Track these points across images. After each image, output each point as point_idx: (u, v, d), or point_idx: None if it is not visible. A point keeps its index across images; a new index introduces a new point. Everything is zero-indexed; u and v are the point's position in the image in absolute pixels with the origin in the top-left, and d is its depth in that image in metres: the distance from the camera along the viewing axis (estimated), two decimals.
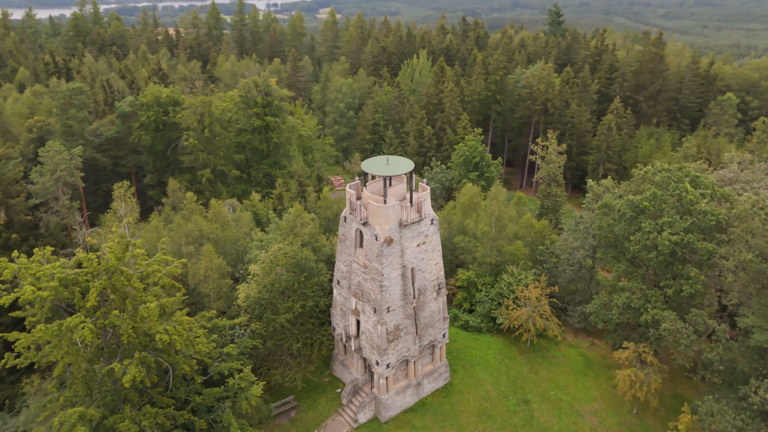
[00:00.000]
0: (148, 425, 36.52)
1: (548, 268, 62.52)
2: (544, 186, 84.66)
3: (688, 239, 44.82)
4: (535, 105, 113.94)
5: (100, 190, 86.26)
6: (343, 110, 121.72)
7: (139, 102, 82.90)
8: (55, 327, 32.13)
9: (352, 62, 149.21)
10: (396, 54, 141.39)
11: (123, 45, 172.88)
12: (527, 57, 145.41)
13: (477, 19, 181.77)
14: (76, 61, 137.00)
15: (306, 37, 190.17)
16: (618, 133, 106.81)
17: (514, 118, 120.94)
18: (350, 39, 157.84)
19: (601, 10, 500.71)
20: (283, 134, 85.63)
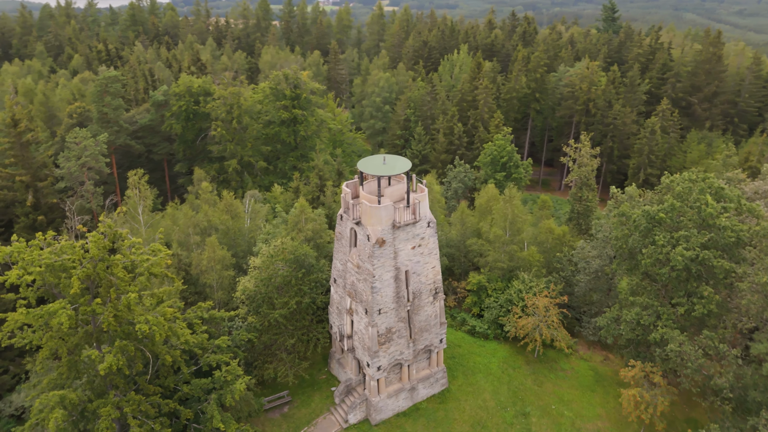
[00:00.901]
0: (130, 411, 37.20)
1: (565, 277, 60.09)
2: (575, 190, 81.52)
3: (703, 256, 41.85)
4: (577, 105, 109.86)
5: None
6: (379, 104, 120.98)
7: (172, 91, 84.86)
8: (38, 311, 33.08)
9: (393, 56, 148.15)
10: (437, 49, 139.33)
11: (175, 35, 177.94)
12: (575, 54, 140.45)
13: (527, 14, 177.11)
14: (128, 50, 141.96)
15: (353, 30, 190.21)
16: (663, 137, 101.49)
17: (555, 117, 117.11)
18: (394, 33, 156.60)
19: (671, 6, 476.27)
20: (310, 127, 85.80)
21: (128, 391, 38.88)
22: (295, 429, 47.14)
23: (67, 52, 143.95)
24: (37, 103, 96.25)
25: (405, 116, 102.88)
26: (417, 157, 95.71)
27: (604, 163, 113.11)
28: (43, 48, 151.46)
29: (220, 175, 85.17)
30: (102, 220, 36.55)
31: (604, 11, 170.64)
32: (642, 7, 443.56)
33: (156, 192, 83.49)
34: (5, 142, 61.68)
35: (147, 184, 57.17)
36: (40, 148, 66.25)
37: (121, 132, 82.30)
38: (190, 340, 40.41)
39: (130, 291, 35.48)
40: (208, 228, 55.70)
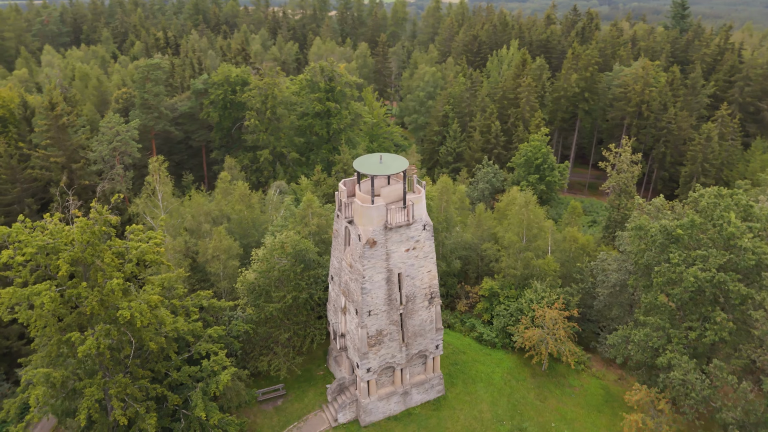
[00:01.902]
0: (115, 393, 38.22)
1: (584, 288, 57.17)
2: (613, 197, 77.57)
3: (719, 278, 38.52)
4: (629, 106, 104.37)
5: (172, 161, 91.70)
6: (422, 99, 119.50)
7: (212, 80, 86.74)
8: (23, 291, 34.41)
9: (444, 50, 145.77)
10: (487, 44, 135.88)
11: (234, 24, 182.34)
12: (636, 53, 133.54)
13: (590, 10, 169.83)
14: (186, 39, 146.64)
15: (408, 22, 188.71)
16: (721, 144, 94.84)
17: (605, 119, 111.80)
18: (446, 26, 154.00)
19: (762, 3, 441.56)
20: (343, 120, 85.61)
21: (117, 373, 39.94)
22: (286, 423, 47.21)
23: (130, 39, 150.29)
24: (91, 87, 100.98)
25: (443, 112, 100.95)
26: (451, 154, 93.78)
27: (655, 170, 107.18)
28: (109, 34, 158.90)
29: (253, 164, 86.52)
30: (93, 206, 37.51)
31: (674, 7, 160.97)
32: (728, 4, 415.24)
33: (192, 178, 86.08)
34: (43, 125, 64.83)
35: (167, 171, 58.47)
36: (79, 132, 69.27)
37: (161, 118, 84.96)
38: (181, 327, 41.11)
39: (115, 277, 36.28)
40: (219, 217, 56.52)
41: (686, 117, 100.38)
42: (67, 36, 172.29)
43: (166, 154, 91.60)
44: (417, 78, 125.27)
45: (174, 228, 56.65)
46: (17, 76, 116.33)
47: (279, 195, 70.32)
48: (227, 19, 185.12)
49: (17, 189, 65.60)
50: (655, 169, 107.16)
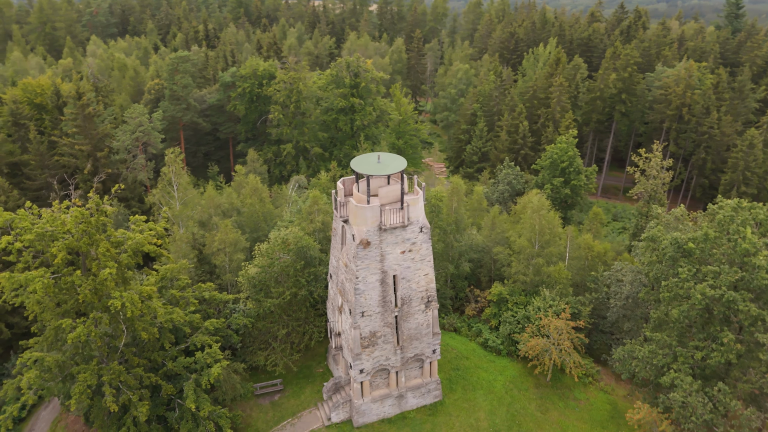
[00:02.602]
0: (108, 380, 39.03)
1: (597, 299, 55.12)
2: (642, 204, 74.62)
3: (728, 297, 36.27)
4: (669, 109, 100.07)
5: (199, 152, 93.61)
6: (454, 96, 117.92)
7: (239, 73, 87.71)
8: (18, 276, 35.44)
9: (480, 47, 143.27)
10: (525, 41, 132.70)
11: (275, 18, 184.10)
12: (683, 53, 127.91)
13: (639, 7, 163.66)
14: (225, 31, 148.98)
15: (448, 18, 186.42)
16: (765, 152, 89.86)
17: (644, 122, 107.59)
18: (484, 22, 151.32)
19: None
20: (366, 116, 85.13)
21: (113, 360, 40.77)
22: (280, 418, 47.35)
23: (172, 31, 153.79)
24: (127, 78, 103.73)
25: (471, 110, 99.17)
26: (476, 153, 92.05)
27: (694, 177, 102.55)
28: (153, 26, 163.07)
29: (276, 158, 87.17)
30: (90, 196, 38.27)
31: (727, 6, 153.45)
32: None
33: (217, 169, 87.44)
34: (70, 113, 66.92)
35: (182, 163, 59.38)
36: (106, 121, 71.22)
37: (189, 110, 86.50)
38: (177, 318, 41.61)
39: (108, 266, 36.93)
40: (230, 210, 57.03)
41: (730, 122, 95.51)
42: (114, 27, 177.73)
43: (194, 145, 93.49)
44: (450, 75, 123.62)
45: (189, 219, 57.57)
46: (62, 65, 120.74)
47: (298, 189, 70.61)
48: (268, 13, 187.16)
49: (45, 175, 68.05)
50: (694, 176, 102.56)
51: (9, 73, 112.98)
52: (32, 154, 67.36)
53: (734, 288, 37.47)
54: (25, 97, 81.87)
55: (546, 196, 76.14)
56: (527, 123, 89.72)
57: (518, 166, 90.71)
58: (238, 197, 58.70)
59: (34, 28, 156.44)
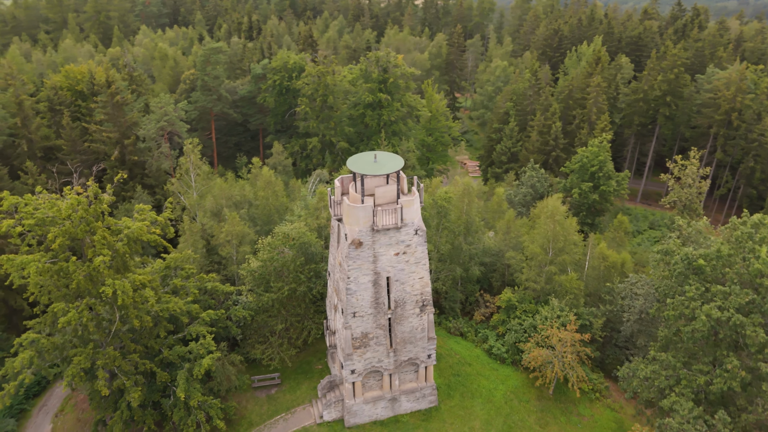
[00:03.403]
0: (102, 364, 40.02)
1: (611, 311, 52.72)
2: (676, 213, 71.14)
3: (735, 320, 33.79)
4: (717, 114, 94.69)
5: (230, 142, 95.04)
6: (490, 94, 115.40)
7: (270, 66, 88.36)
8: (15, 259, 36.64)
9: (523, 44, 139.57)
10: (569, 39, 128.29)
11: (321, 11, 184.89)
12: (740, 55, 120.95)
13: (697, 5, 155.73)
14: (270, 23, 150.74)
15: (495, 13, 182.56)
16: None
17: (690, 126, 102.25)
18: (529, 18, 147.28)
19: None
20: (394, 112, 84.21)
21: (109, 345, 41.76)
22: (274, 412, 47.50)
23: (218, 22, 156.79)
24: (167, 67, 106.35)
25: (504, 109, 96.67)
26: (505, 154, 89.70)
27: (741, 186, 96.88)
28: (202, 17, 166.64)
29: (303, 151, 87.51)
30: (89, 185, 39.13)
31: None
32: None
33: (245, 160, 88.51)
34: (100, 101, 69.01)
35: (200, 153, 60.21)
36: (135, 109, 73.11)
37: (220, 101, 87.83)
38: (173, 307, 42.23)
39: (103, 254, 37.70)
40: (242, 202, 57.47)
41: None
42: (166, 17, 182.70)
43: (225, 136, 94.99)
44: (488, 72, 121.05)
45: (199, 209, 58.43)
46: (110, 53, 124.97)
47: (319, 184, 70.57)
48: (314, 5, 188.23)
49: (76, 160, 70.51)
50: (741, 185, 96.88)
51: (59, 59, 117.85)
52: (65, 140, 69.87)
53: (744, 311, 34.86)
54: (66, 83, 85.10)
55: (572, 201, 73.71)
56: (560, 123, 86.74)
57: (549, 168, 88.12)
58: (251, 189, 59.08)
59: (89, 16, 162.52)
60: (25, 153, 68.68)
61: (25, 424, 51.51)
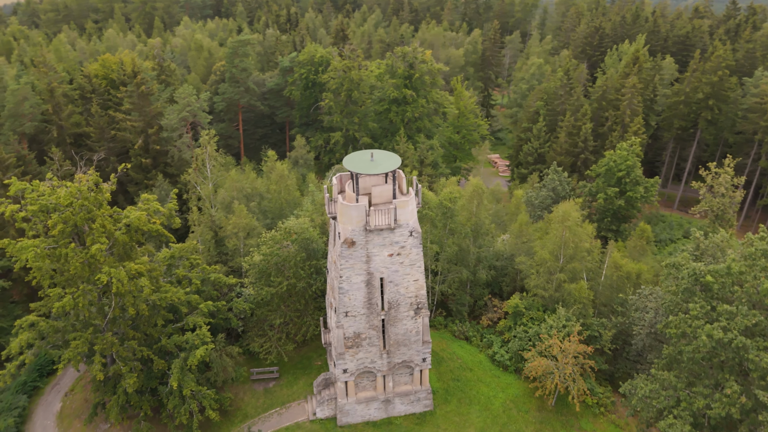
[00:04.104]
0: (99, 349, 40.97)
1: (623, 323, 50.59)
2: (707, 223, 67.73)
3: (738, 342, 31.71)
4: (763, 120, 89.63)
5: (256, 134, 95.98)
6: (524, 92, 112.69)
7: (298, 59, 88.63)
8: (15, 244, 37.77)
9: (563, 41, 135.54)
10: (611, 37, 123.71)
11: (360, 4, 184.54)
12: None
13: (753, 4, 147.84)
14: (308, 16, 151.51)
15: (539, 9, 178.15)
16: None
17: (734, 131, 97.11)
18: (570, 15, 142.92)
19: None
20: (418, 109, 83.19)
21: (108, 331, 42.71)
22: (269, 406, 47.70)
23: (257, 14, 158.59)
24: (202, 58, 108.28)
25: (534, 108, 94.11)
26: (532, 155, 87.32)
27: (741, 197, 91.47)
28: (243, 9, 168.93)
29: (326, 146, 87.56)
30: (89, 173, 39.91)
31: None
32: None
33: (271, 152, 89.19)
34: (125, 91, 70.67)
35: (216, 145, 60.87)
36: (161, 99, 74.63)
37: (247, 92, 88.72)
38: (171, 297, 42.80)
39: (100, 242, 38.45)
40: (253, 195, 57.78)
41: None
42: (210, 9, 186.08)
43: (252, 127, 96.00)
44: (524, 69, 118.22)
45: (209, 200, 59.10)
46: (151, 44, 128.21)
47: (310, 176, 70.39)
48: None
49: (104, 147, 72.56)
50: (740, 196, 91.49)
51: (102, 48, 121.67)
52: (93, 128, 71.94)
53: (750, 333, 32.69)
54: (102, 72, 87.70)
55: (597, 207, 71.20)
56: (591, 125, 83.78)
57: (577, 171, 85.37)
58: (264, 182, 59.36)
59: (135, 6, 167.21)
60: (54, 139, 71.06)
61: (37, 401, 53.39)
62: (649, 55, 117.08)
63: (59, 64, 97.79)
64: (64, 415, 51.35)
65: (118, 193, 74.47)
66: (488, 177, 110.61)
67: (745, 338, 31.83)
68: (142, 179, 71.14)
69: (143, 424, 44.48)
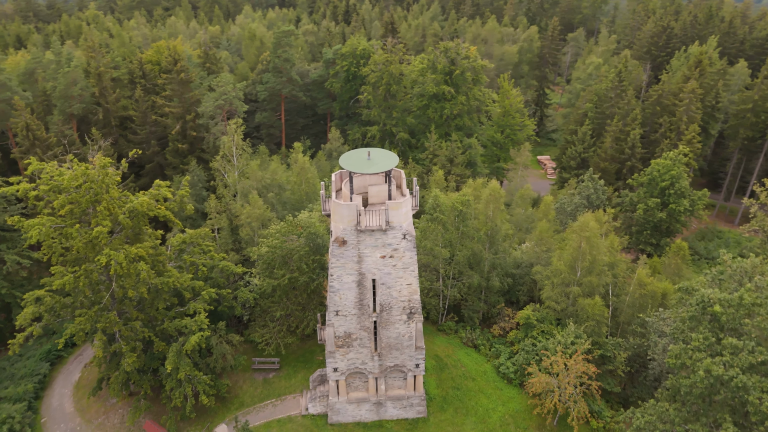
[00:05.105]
0: (102, 327, 42.49)
1: (641, 344, 47.46)
2: (760, 242, 62.78)
3: (737, 382, 28.80)
4: None
5: (298, 124, 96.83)
6: (578, 92, 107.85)
7: (341, 51, 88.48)
8: (23, 222, 39.55)
9: (629, 40, 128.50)
10: (679, 38, 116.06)
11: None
12: None
13: None
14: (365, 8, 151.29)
15: (609, 5, 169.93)
16: None
17: None
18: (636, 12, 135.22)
19: None
20: (457, 106, 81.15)
21: (112, 310, 44.17)
22: (266, 397, 48.06)
23: (317, 5, 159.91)
24: (254, 48, 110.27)
25: (583, 110, 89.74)
26: (575, 159, 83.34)
27: None
28: (304, 0, 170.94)
29: (363, 139, 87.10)
30: (97, 157, 41.17)
31: None
32: None
33: (309, 143, 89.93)
34: (165, 78, 72.84)
35: (242, 134, 61.65)
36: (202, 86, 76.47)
37: (289, 83, 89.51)
38: (172, 282, 43.74)
39: (102, 224, 39.68)
40: (272, 185, 58.16)
41: None
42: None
43: (294, 117, 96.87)
44: (581, 69, 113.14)
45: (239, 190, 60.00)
46: (210, 32, 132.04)
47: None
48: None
49: (145, 131, 75.28)
50: None
51: (164, 35, 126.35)
52: (136, 112, 74.72)
53: (755, 372, 29.58)
54: (155, 58, 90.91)
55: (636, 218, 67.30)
56: (640, 130, 78.97)
57: (622, 179, 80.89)
58: (284, 174, 59.66)
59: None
60: (100, 121, 74.34)
61: (60, 369, 56.34)
62: (720, 58, 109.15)
63: (120, 49, 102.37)
64: (81, 385, 53.90)
65: (156, 175, 77.21)
66: (535, 179, 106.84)
67: (748, 377, 28.83)
68: (178, 164, 73.25)
69: (143, 402, 45.87)
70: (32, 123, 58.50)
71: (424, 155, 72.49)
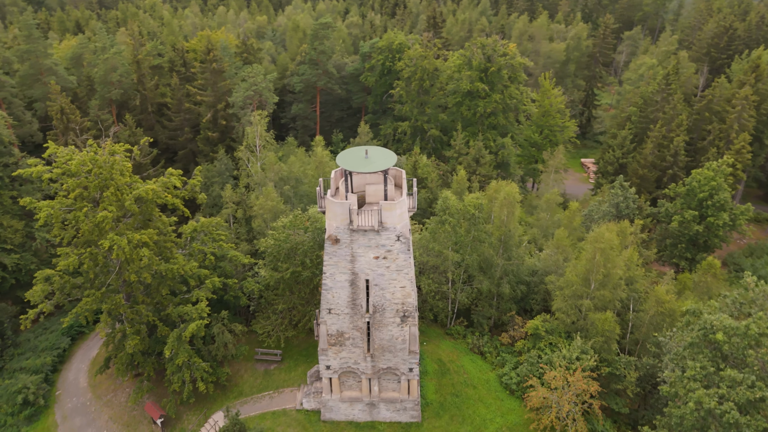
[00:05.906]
0: (107, 309, 43.80)
1: (653, 366, 44.86)
2: None
3: (729, 418, 26.57)
4: None
5: (332, 117, 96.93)
6: (627, 93, 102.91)
7: (377, 45, 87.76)
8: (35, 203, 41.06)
9: (688, 41, 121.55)
10: (743, 39, 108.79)
11: None
12: None
13: None
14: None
15: (673, 3, 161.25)
16: None
17: None
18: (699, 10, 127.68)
19: None
20: (491, 104, 79.03)
21: (119, 293, 45.44)
22: (264, 388, 48.40)
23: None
24: (296, 38, 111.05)
25: (626, 114, 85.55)
26: (612, 164, 79.58)
27: None
28: None
29: (395, 135, 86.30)
30: (103, 146, 42.20)
31: None
32: None
33: (341, 136, 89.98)
34: (198, 67, 74.22)
35: (266, 125, 62.08)
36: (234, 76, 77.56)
37: (325, 75, 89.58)
38: (177, 269, 44.52)
39: (108, 209, 40.71)
40: (288, 178, 58.31)
41: None
42: None
43: (330, 109, 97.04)
44: (632, 70, 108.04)
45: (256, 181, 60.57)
46: (258, 21, 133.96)
47: None
48: None
49: (179, 118, 77.15)
50: None
51: (214, 24, 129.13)
52: (171, 99, 76.64)
53: (752, 408, 27.20)
54: (199, 46, 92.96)
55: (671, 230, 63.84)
56: (686, 137, 74.56)
57: (663, 188, 76.74)
58: (301, 167, 59.73)
59: None
60: (138, 107, 76.66)
61: (80, 345, 58.68)
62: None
63: (169, 37, 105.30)
64: (97, 361, 55.85)
65: (189, 161, 79.07)
66: (576, 183, 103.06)
67: (743, 414, 26.54)
68: (208, 152, 74.70)
69: (145, 383, 47.09)
70: (66, 106, 60.84)
71: (450, 153, 70.91)
